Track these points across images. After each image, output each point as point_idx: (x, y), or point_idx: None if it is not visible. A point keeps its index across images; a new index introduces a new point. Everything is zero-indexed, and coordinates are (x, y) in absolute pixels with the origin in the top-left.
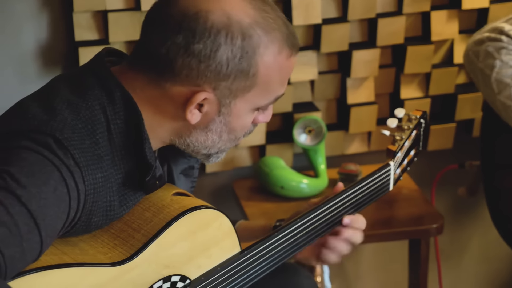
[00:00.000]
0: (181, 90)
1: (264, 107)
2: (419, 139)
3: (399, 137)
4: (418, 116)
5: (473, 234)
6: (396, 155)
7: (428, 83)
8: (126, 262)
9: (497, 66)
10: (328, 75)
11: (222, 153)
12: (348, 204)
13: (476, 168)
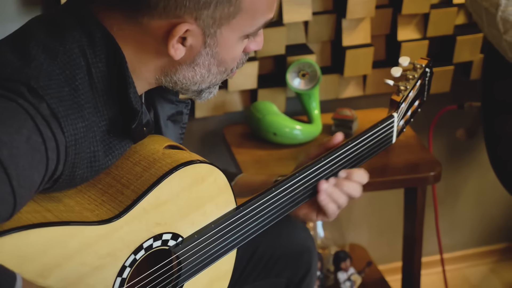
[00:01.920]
0: (160, 24)
1: (254, 34)
2: (424, 89)
3: (403, 87)
4: (424, 65)
5: (469, 178)
6: (400, 106)
7: (426, 24)
8: (114, 220)
9: (503, 4)
10: (323, 16)
11: (214, 87)
12: (349, 158)
13: (475, 110)
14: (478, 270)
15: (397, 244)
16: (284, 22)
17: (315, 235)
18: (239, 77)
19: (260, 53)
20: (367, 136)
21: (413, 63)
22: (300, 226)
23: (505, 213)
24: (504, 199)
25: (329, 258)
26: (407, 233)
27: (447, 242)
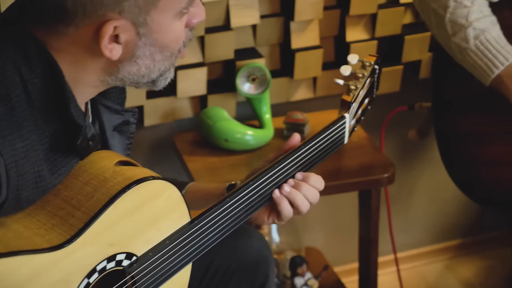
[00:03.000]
0: (87, 30)
1: (188, 6)
2: (373, 86)
3: (353, 86)
4: (373, 62)
5: (421, 177)
6: (351, 105)
7: (374, 24)
8: (66, 245)
9: (451, 6)
10: (270, 19)
11: (167, 73)
12: (303, 161)
13: (426, 110)
14: (433, 267)
15: (353, 245)
16: (232, 26)
17: (270, 240)
18: (188, 83)
19: (208, 58)
20: (320, 139)
21: (362, 61)
22: (256, 235)
23: (458, 210)
24: (456, 196)
25: (285, 263)
26: (363, 235)
27: (402, 241)
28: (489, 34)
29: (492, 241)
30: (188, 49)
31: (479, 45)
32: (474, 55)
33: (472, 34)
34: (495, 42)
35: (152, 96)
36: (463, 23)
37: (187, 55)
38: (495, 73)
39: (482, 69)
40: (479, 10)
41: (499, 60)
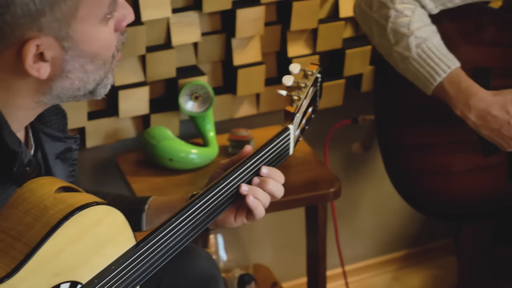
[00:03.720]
0: (9, 52)
1: (112, 10)
2: (316, 95)
3: (296, 96)
4: (315, 71)
5: (366, 189)
6: (295, 116)
7: (315, 39)
8: (6, 280)
9: (393, 15)
10: (212, 36)
11: (105, 80)
12: (249, 175)
13: (369, 122)
14: (381, 279)
15: (300, 260)
16: (173, 44)
17: (218, 258)
18: (130, 103)
19: (150, 77)
20: (265, 152)
21: (304, 70)
22: (203, 254)
23: (403, 221)
24: (401, 207)
25: (233, 282)
26: (311, 250)
27: (349, 254)
28: (431, 43)
29: (437, 250)
30: (130, 68)
31: (421, 53)
32: (416, 64)
33: (414, 42)
34: (436, 50)
35: (94, 117)
36: (405, 32)
37: (128, 74)
38: (437, 81)
39: (425, 77)
40: (420, 20)
41: (441, 68)
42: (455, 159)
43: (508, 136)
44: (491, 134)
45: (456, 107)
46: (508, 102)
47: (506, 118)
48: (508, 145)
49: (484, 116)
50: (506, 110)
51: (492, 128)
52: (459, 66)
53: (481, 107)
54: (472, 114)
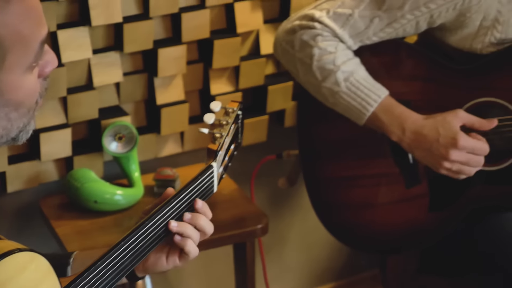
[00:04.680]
0: None
1: (37, 59)
2: (238, 132)
3: (218, 134)
4: (236, 108)
5: (293, 224)
6: (218, 154)
7: (237, 76)
8: None
9: (317, 54)
10: (134, 76)
11: (27, 126)
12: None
13: (294, 157)
14: None
15: None
16: (95, 85)
17: None
18: (52, 146)
19: (72, 119)
20: (189, 190)
21: (225, 108)
22: None
23: (330, 254)
24: (328, 240)
25: None
26: (239, 287)
27: None
28: (358, 75)
29: (364, 281)
30: (51, 110)
31: (351, 86)
32: (347, 97)
33: (342, 77)
34: (364, 81)
35: (15, 161)
36: (332, 68)
37: (49, 116)
38: (370, 111)
39: (357, 109)
40: (344, 54)
41: (372, 98)
42: (378, 192)
43: (438, 155)
44: (423, 155)
45: (392, 133)
46: (438, 123)
47: (435, 136)
48: (440, 165)
49: (417, 137)
50: (436, 130)
51: (424, 149)
52: (388, 94)
53: (414, 128)
54: (406, 137)
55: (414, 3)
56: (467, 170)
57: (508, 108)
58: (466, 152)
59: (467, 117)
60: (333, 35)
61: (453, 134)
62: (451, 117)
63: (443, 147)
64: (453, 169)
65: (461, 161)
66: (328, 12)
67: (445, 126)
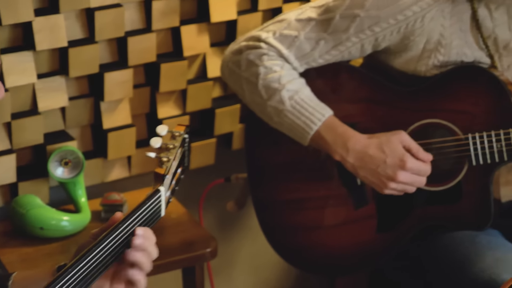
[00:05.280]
0: None
1: None
2: (185, 155)
3: (165, 158)
4: (182, 132)
5: (242, 246)
6: (165, 178)
7: (184, 99)
8: None
9: (262, 72)
10: (80, 100)
11: None
12: (122, 241)
13: (242, 180)
14: None
15: None
16: (40, 110)
17: None
18: None
19: (16, 144)
20: (137, 215)
21: (171, 132)
22: None
23: (279, 275)
24: (277, 262)
25: None
26: None
27: None
28: (303, 94)
29: None
30: None
31: (295, 104)
32: (291, 115)
33: (287, 95)
34: (309, 100)
35: None
36: (277, 87)
37: None
38: (314, 130)
39: (301, 128)
40: (289, 74)
41: (316, 117)
42: (327, 214)
43: (384, 175)
44: (368, 175)
45: (335, 152)
46: (383, 142)
47: (382, 157)
48: (385, 186)
49: (361, 157)
50: (382, 150)
51: (369, 169)
52: (332, 113)
53: (358, 148)
54: (350, 156)
55: (359, 26)
56: (409, 190)
57: (452, 129)
58: (411, 173)
59: (409, 141)
60: (279, 55)
61: (400, 156)
62: (396, 138)
63: (390, 168)
64: (398, 189)
65: (407, 182)
66: (275, 34)
67: (390, 146)
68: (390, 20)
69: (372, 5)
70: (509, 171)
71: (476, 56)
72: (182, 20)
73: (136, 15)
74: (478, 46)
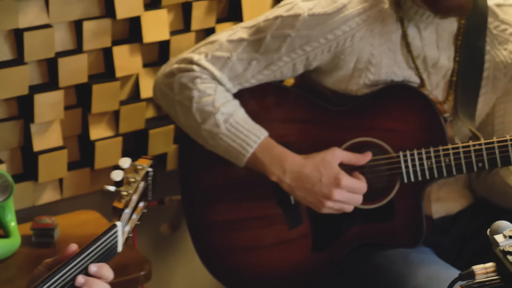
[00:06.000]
0: None
1: None
2: (148, 189)
3: (125, 192)
4: (146, 165)
5: (177, 269)
6: (123, 212)
7: (117, 120)
8: None
9: (196, 96)
10: (9, 123)
11: None
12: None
13: (176, 203)
14: None
15: None
16: None
17: None
18: None
19: None
20: (91, 250)
21: (134, 165)
22: None
23: None
24: (212, 285)
25: None
26: None
27: None
28: (237, 116)
29: None
30: None
31: (230, 127)
32: (227, 138)
33: (222, 118)
34: (244, 122)
35: None
36: (211, 110)
37: None
38: (250, 152)
39: (237, 150)
40: (223, 96)
41: (251, 139)
42: (262, 234)
43: (320, 194)
44: (305, 195)
45: (271, 173)
46: (319, 162)
47: (317, 176)
48: (322, 205)
49: (298, 177)
50: (318, 169)
51: (306, 188)
52: (267, 135)
53: (295, 168)
54: (287, 177)
55: (290, 45)
56: (347, 208)
57: (384, 147)
58: (347, 191)
59: (344, 154)
60: (212, 78)
61: (335, 174)
62: (330, 156)
63: (326, 187)
64: (335, 207)
65: (343, 200)
66: (207, 55)
67: (325, 165)
68: (321, 39)
69: (303, 25)
70: (440, 188)
71: (406, 75)
72: (114, 40)
73: (67, 36)
74: (407, 66)
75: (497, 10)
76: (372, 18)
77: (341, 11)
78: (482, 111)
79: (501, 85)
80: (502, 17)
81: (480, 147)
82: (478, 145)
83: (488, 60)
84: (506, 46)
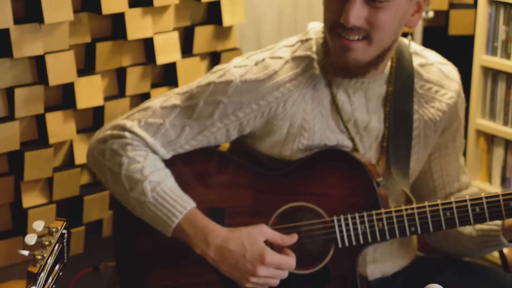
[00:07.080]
0: None
1: None
2: (63, 251)
3: (40, 256)
4: (60, 227)
5: None
6: (39, 277)
7: (51, 187)
8: None
9: (125, 162)
10: None
11: None
12: None
13: (111, 269)
14: None
15: None
16: None
17: None
18: None
19: None
20: None
21: (48, 227)
22: None
23: None
24: None
25: None
26: None
27: None
28: (165, 186)
29: None
30: None
31: (157, 196)
32: (153, 207)
33: (149, 187)
34: (171, 192)
35: None
36: (139, 178)
37: None
38: (175, 222)
39: (163, 220)
40: (153, 164)
41: (177, 209)
42: None
43: (245, 270)
44: (229, 270)
45: (196, 245)
46: (244, 237)
47: (241, 252)
48: (246, 280)
49: (221, 251)
50: (242, 245)
51: (230, 263)
52: (194, 206)
53: (218, 242)
54: (211, 250)
55: (223, 111)
56: (272, 283)
57: (319, 212)
58: (272, 267)
59: (271, 233)
60: (144, 145)
61: (260, 250)
62: (256, 232)
63: (250, 263)
64: (259, 283)
65: (268, 275)
66: (140, 122)
67: (250, 241)
68: (253, 105)
69: (235, 91)
70: (376, 249)
71: (339, 140)
72: (46, 107)
73: None
74: (339, 130)
75: (421, 70)
76: (303, 84)
77: (272, 78)
78: (415, 169)
79: (432, 142)
80: (426, 76)
81: (413, 211)
82: (411, 209)
83: (417, 119)
84: (432, 104)
